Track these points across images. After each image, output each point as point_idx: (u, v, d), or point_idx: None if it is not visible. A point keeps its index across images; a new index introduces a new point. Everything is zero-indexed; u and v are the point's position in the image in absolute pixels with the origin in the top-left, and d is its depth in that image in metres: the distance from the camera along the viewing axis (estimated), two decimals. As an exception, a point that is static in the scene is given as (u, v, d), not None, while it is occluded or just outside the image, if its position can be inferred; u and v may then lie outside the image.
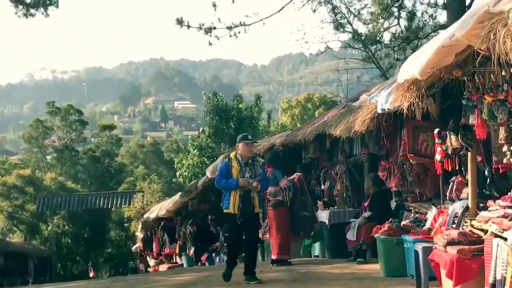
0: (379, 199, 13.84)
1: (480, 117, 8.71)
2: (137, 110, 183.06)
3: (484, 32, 5.93)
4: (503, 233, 8.04)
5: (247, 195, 11.47)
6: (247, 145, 11.94)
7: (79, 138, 66.06)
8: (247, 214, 11.47)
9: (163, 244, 30.76)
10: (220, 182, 11.86)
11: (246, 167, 11.68)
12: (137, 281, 16.39)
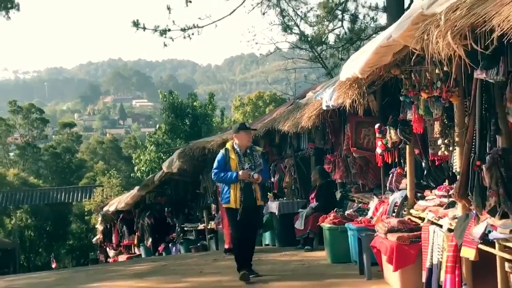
0: (325, 190, 13.93)
1: (417, 113, 8.82)
2: (97, 108, 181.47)
3: (418, 33, 6.00)
4: (439, 221, 8.15)
5: (248, 188, 10.30)
6: (246, 134, 10.67)
7: (41, 135, 65.53)
8: (249, 208, 10.30)
9: (122, 236, 30.60)
10: (218, 175, 10.49)
11: (245, 157, 10.43)
12: (97, 271, 16.30)
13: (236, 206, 10.25)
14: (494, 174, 5.78)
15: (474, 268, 7.22)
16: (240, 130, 10.63)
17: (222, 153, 10.62)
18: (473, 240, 6.68)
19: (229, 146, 10.61)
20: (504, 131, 6.25)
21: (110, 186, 43.56)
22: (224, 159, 10.46)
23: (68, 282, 13.15)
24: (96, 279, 13.07)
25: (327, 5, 25.71)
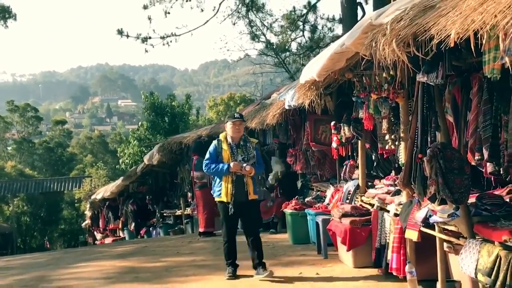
0: (288, 180, 13.96)
1: (367, 112, 8.86)
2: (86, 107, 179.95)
3: (367, 41, 6.01)
4: (386, 207, 8.21)
5: (240, 181, 8.77)
6: (234, 124, 8.95)
7: (35, 131, 65.11)
8: (241, 203, 8.78)
9: (108, 221, 30.46)
10: (209, 167, 8.96)
11: (238, 149, 8.89)
12: (85, 252, 16.23)
13: (227, 200, 8.78)
14: (434, 166, 5.81)
15: (417, 248, 7.27)
16: (229, 120, 9.11)
17: (215, 144, 9.07)
18: (416, 224, 6.73)
19: (222, 137, 9.06)
20: (442, 128, 6.29)
21: (98, 176, 43.39)
22: (216, 150, 8.98)
23: (59, 262, 13.06)
24: (84, 259, 13.00)
25: (290, 17, 25.76)
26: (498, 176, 6.27)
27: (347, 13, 21.61)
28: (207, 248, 12.46)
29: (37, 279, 10.77)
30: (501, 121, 5.88)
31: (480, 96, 6.11)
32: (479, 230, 5.58)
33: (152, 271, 10.52)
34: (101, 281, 9.98)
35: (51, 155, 58.35)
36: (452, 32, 4.29)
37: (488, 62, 4.99)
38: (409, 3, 5.53)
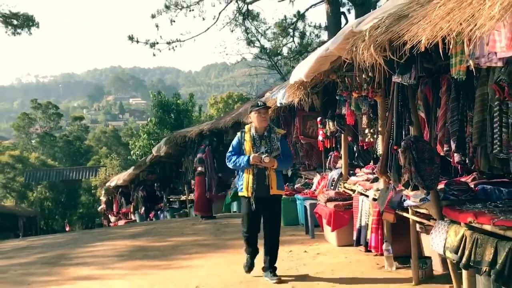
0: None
1: (349, 109, 8.88)
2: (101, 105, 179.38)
3: (349, 46, 6.02)
4: (366, 192, 8.22)
5: (261, 174, 7.27)
6: (259, 113, 7.44)
7: (56, 126, 65.03)
8: (263, 198, 7.28)
9: (121, 205, 30.45)
10: (230, 160, 7.50)
11: (261, 140, 7.40)
12: (101, 233, 16.23)
13: (248, 195, 7.33)
14: (407, 156, 5.82)
15: (393, 228, 7.28)
16: (253, 108, 7.59)
17: (238, 136, 7.67)
18: (392, 207, 6.75)
19: (247, 128, 7.63)
20: (415, 123, 6.30)
21: (112, 166, 43.38)
22: (239, 142, 7.57)
23: (77, 242, 13.08)
24: (99, 239, 13.02)
25: (281, 25, 25.73)
26: (464, 165, 6.30)
27: (332, 21, 21.62)
28: (208, 229, 12.48)
29: (58, 256, 10.78)
30: (466, 117, 5.90)
31: (448, 94, 6.13)
32: (447, 212, 5.59)
33: (160, 250, 10.54)
34: (114, 259, 10.00)
35: (70, 147, 58.30)
36: (423, 38, 4.30)
37: (455, 65, 5.00)
38: (385, 13, 5.54)
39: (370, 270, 7.41)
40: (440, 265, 6.86)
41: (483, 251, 4.71)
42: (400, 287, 6.57)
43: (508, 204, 5.31)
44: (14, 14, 30.84)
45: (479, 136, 5.55)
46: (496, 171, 5.71)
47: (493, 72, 5.18)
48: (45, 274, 9.14)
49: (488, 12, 3.36)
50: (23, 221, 36.52)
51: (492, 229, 4.70)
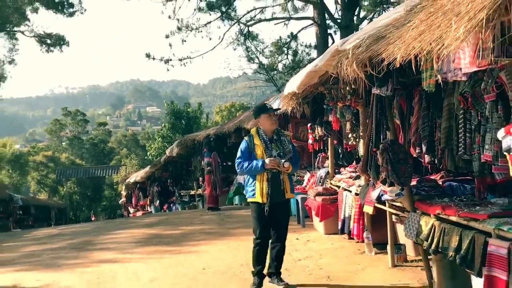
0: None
1: (335, 116, 8.88)
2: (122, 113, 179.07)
3: (335, 62, 6.02)
4: (349, 188, 8.23)
5: (276, 179, 6.04)
6: (270, 116, 6.25)
7: (83, 131, 64.96)
8: (277, 203, 6.09)
9: (139, 199, 30.49)
10: (242, 166, 6.16)
11: (271, 143, 6.20)
12: (122, 222, 16.23)
13: (263, 201, 6.06)
14: (385, 157, 5.83)
15: (372, 219, 7.30)
16: (261, 114, 6.31)
17: (246, 141, 6.33)
18: (371, 201, 6.76)
19: (253, 132, 6.35)
20: (391, 129, 6.30)
21: (131, 165, 43.47)
22: (248, 147, 6.25)
23: (101, 230, 13.07)
24: (120, 228, 13.01)
25: (277, 44, 25.75)
26: (433, 165, 6.31)
27: (320, 41, 21.64)
28: (213, 220, 12.48)
29: (84, 242, 10.78)
30: (435, 124, 5.92)
31: (420, 104, 6.14)
32: (418, 205, 5.60)
33: (172, 237, 10.54)
34: (133, 244, 10.00)
35: (95, 148, 58.31)
36: (398, 56, 4.31)
37: (426, 79, 5.01)
38: (366, 34, 5.55)
39: (353, 254, 7.41)
40: (412, 251, 6.87)
41: (450, 239, 4.72)
42: (378, 269, 6.57)
43: (471, 198, 5.33)
44: (47, 35, 30.91)
45: (446, 140, 5.56)
46: (461, 170, 5.72)
47: (458, 85, 5.19)
48: (73, 257, 9.14)
49: (454, 34, 3.36)
50: (55, 212, 36.52)
51: (457, 220, 4.71)
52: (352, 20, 21.38)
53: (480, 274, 4.23)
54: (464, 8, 3.39)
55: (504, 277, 3.90)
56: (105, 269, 7.88)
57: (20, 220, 27.96)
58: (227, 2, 23.06)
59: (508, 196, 5.02)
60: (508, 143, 3.54)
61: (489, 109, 4.77)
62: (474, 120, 5.12)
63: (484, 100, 4.86)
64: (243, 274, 6.88)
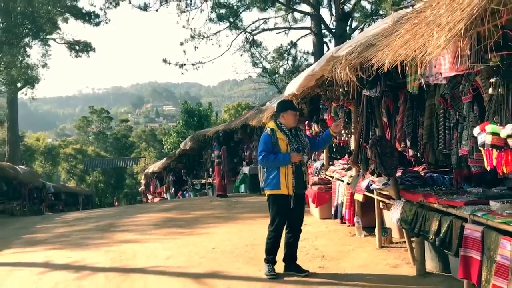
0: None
1: (330, 115, 8.86)
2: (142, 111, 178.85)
3: (330, 67, 6.02)
4: (342, 178, 8.21)
5: (299, 171, 5.64)
6: (295, 115, 5.86)
7: (108, 127, 64.92)
8: (299, 194, 5.71)
9: (156, 187, 30.49)
10: (267, 158, 5.62)
11: (292, 137, 5.76)
12: (141, 207, 16.26)
13: (289, 193, 5.59)
14: (373, 151, 5.83)
15: (362, 205, 7.30)
16: (289, 110, 5.85)
17: (269, 134, 5.75)
18: (361, 189, 6.76)
19: (274, 126, 5.80)
20: (379, 126, 6.30)
21: (149, 157, 43.46)
22: (271, 140, 5.71)
23: (123, 213, 13.10)
24: (140, 212, 13.03)
25: (278, 51, 25.72)
26: (416, 158, 6.32)
27: (317, 48, 21.63)
28: (222, 205, 12.49)
29: (108, 225, 10.81)
30: (418, 122, 5.92)
31: (405, 105, 6.14)
32: (403, 194, 5.61)
33: (185, 220, 10.57)
34: (151, 226, 10.03)
35: (118, 142, 58.32)
36: (386, 61, 4.31)
37: (410, 82, 5.00)
38: (358, 42, 5.54)
39: (344, 237, 7.42)
40: (397, 234, 6.88)
41: (430, 223, 4.72)
42: (367, 249, 6.58)
43: (449, 188, 5.33)
44: (76, 42, 31.00)
45: (428, 136, 5.56)
46: (441, 163, 5.72)
47: (439, 88, 5.19)
48: (98, 238, 9.17)
49: (436, 42, 3.36)
50: (82, 198, 36.61)
51: (437, 207, 4.72)
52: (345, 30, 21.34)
53: (457, 254, 4.25)
54: (444, 20, 3.38)
55: (478, 257, 3.91)
56: (127, 248, 7.91)
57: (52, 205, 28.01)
58: (234, 14, 23.05)
59: (482, 186, 5.03)
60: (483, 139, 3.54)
61: (466, 109, 4.77)
62: (452, 119, 5.12)
63: (462, 101, 4.86)
64: (248, 253, 6.90)
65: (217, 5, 22.74)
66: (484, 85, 4.39)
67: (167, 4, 21.73)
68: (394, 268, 5.73)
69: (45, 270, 6.84)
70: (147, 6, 21.76)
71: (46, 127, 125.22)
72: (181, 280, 5.88)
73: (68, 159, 48.33)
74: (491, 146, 3.44)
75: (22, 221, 14.11)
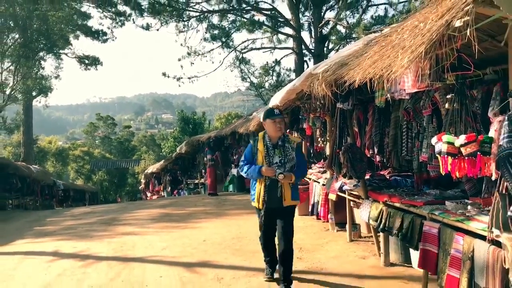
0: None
1: (308, 124, 8.87)
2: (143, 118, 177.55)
3: (308, 82, 6.03)
4: (318, 180, 8.21)
5: (274, 186, 4.71)
6: (274, 122, 4.84)
7: (112, 132, 64.35)
8: (274, 209, 4.75)
9: (154, 185, 30.27)
10: (242, 169, 4.89)
11: (275, 149, 4.78)
12: (141, 203, 16.10)
13: (259, 207, 4.81)
14: (345, 156, 5.85)
15: (335, 204, 7.30)
16: (266, 118, 4.92)
17: (251, 144, 5.01)
18: (335, 190, 6.77)
19: (260, 136, 4.97)
20: (351, 135, 6.33)
21: (149, 159, 43.33)
22: (251, 151, 4.92)
23: (124, 209, 12.98)
24: (140, 208, 12.93)
25: (264, 68, 25.72)
26: (383, 163, 6.35)
27: (298, 66, 21.70)
28: (212, 203, 12.42)
29: (111, 219, 10.70)
30: (385, 131, 5.95)
31: (373, 116, 6.17)
32: (371, 194, 5.63)
33: (180, 216, 10.50)
34: (149, 221, 9.94)
35: (121, 146, 57.82)
36: (357, 78, 4.33)
37: (378, 97, 5.04)
38: (333, 62, 5.56)
39: (319, 231, 7.42)
40: (365, 229, 6.89)
41: (394, 221, 4.74)
42: (339, 243, 6.59)
43: (411, 189, 5.36)
44: (86, 56, 30.73)
45: (393, 144, 5.60)
46: (404, 167, 5.76)
47: (403, 102, 5.23)
48: (102, 230, 9.07)
49: (400, 63, 3.39)
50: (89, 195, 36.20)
51: (400, 206, 4.74)
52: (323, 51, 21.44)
53: (417, 248, 4.27)
54: (408, 43, 3.41)
55: (435, 250, 3.93)
56: (127, 239, 7.83)
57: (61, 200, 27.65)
58: (226, 34, 23.04)
59: (439, 188, 5.07)
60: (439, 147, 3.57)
61: (426, 121, 4.81)
62: (414, 129, 5.16)
63: (422, 114, 4.90)
64: (234, 245, 6.87)
65: (211, 27, 22.74)
66: (442, 101, 4.44)
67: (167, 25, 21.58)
68: (363, 259, 5.74)
69: (54, 258, 6.75)
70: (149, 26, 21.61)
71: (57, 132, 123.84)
72: (175, 268, 5.84)
73: (77, 160, 47.78)
74: (446, 153, 3.47)
75: (35, 215, 13.91)
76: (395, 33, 3.95)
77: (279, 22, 22.35)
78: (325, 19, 21.30)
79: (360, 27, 18.83)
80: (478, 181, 4.23)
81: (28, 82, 25.91)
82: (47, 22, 26.38)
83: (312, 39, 22.06)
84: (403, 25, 3.90)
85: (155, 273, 5.69)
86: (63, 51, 30.18)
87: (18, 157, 30.85)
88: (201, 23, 22.43)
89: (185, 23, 22.18)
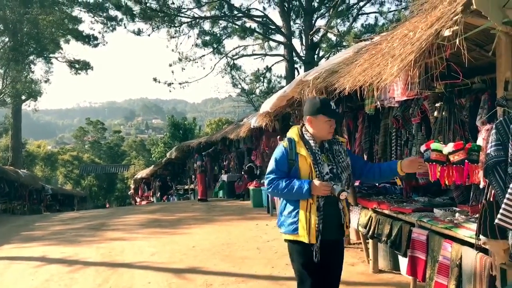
0: (251, 169, 13.95)
1: (298, 131, 8.88)
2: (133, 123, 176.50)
3: (299, 89, 6.06)
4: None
5: (332, 208, 2.85)
6: (330, 122, 2.91)
7: (102, 136, 63.99)
8: (331, 242, 2.85)
9: (144, 191, 30.08)
10: (275, 187, 2.84)
11: (322, 154, 2.85)
12: (129, 209, 16.01)
13: (310, 241, 2.83)
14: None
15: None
16: (320, 114, 2.92)
17: (284, 148, 2.94)
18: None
19: (295, 136, 2.99)
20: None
21: (138, 164, 42.96)
22: (286, 158, 2.89)
23: (113, 214, 12.89)
24: (129, 213, 12.85)
25: (255, 74, 25.76)
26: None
27: (289, 73, 21.75)
28: (202, 209, 12.39)
29: (100, 224, 10.61)
30: (374, 139, 5.97)
31: (363, 124, 6.20)
32: (360, 201, 5.63)
33: (169, 221, 10.44)
34: (138, 226, 9.88)
35: (111, 151, 57.42)
36: (347, 86, 4.35)
37: (368, 104, 5.07)
38: (323, 69, 5.60)
39: (309, 238, 7.42)
40: (355, 236, 6.89)
41: (383, 227, 4.75)
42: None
43: (400, 197, 5.38)
44: (76, 61, 30.54)
45: (382, 152, 5.62)
46: (393, 175, 5.77)
47: (392, 110, 5.26)
48: (91, 235, 8.99)
49: (390, 71, 3.41)
50: (77, 199, 35.95)
51: (389, 213, 4.75)
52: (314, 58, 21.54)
53: (405, 254, 4.28)
54: (397, 52, 3.44)
55: (423, 257, 3.95)
56: (116, 245, 7.77)
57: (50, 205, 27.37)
58: (218, 41, 23.05)
59: (428, 195, 5.10)
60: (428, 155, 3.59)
61: (415, 129, 4.85)
62: (403, 137, 5.19)
63: (411, 122, 4.93)
64: (224, 251, 6.84)
65: (202, 33, 22.73)
66: (431, 109, 4.48)
67: (158, 30, 21.51)
68: (352, 266, 5.74)
69: (41, 263, 6.67)
70: (141, 31, 21.54)
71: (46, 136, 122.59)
72: (164, 274, 5.79)
73: (66, 164, 47.40)
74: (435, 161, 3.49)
75: (22, 220, 13.75)
76: (385, 42, 3.98)
77: (270, 29, 22.42)
78: (316, 27, 21.42)
79: (351, 35, 18.96)
80: (466, 189, 4.27)
81: (17, 86, 25.67)
82: (37, 25, 26.20)
83: (303, 46, 22.18)
84: (393, 33, 3.93)
85: (143, 279, 5.64)
86: (54, 55, 30.01)
87: (6, 161, 30.45)
88: (193, 29, 22.42)
89: (177, 29, 22.15)
